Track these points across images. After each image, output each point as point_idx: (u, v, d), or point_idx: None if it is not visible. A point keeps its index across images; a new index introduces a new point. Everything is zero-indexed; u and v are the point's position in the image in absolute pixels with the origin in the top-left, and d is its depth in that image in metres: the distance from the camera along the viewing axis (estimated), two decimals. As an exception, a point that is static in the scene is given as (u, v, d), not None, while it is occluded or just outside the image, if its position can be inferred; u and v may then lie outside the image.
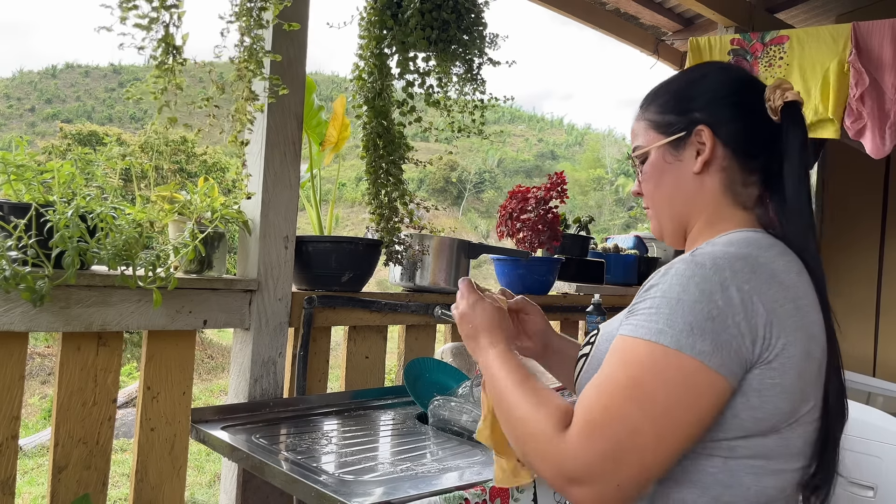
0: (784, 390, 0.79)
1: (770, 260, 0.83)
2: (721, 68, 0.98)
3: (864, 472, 1.98)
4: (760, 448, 0.80)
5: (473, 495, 1.04)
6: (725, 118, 0.92)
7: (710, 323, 0.76)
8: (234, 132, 1.43)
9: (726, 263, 0.80)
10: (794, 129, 0.90)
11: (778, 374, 0.78)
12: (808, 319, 0.82)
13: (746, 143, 0.92)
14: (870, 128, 2.22)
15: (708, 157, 0.92)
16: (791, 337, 0.79)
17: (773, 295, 0.79)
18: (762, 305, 0.78)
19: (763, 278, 0.80)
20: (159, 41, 1.31)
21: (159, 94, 1.32)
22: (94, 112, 33.15)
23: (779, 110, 0.90)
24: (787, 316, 0.79)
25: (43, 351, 9.05)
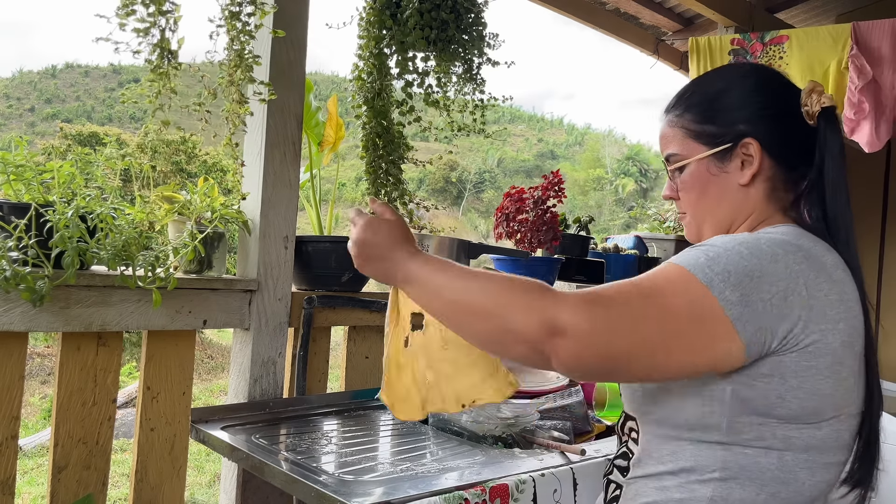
0: (820, 373, 0.80)
1: (820, 254, 0.85)
2: (754, 74, 0.97)
3: (864, 472, 1.97)
4: (812, 440, 0.82)
5: (473, 495, 1.04)
6: (771, 130, 0.93)
7: (748, 280, 0.77)
8: (228, 135, 1.44)
9: (779, 244, 0.82)
10: (831, 134, 0.91)
11: (813, 358, 0.80)
12: (851, 314, 0.84)
13: (787, 151, 0.93)
14: (867, 121, 2.23)
15: (756, 169, 0.93)
16: (831, 326, 0.81)
17: (821, 284, 0.81)
18: (806, 289, 0.80)
19: (815, 267, 0.82)
20: (155, 45, 1.31)
21: (154, 98, 1.32)
22: (93, 112, 33.15)
23: (816, 115, 0.91)
24: (830, 306, 0.81)
25: (43, 351, 9.05)
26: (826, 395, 0.81)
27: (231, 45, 1.40)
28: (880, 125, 2.21)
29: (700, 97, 0.98)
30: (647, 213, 3.20)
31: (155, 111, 1.34)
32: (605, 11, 3.10)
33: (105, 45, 1.25)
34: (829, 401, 0.82)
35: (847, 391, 0.84)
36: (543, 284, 0.81)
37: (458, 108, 1.94)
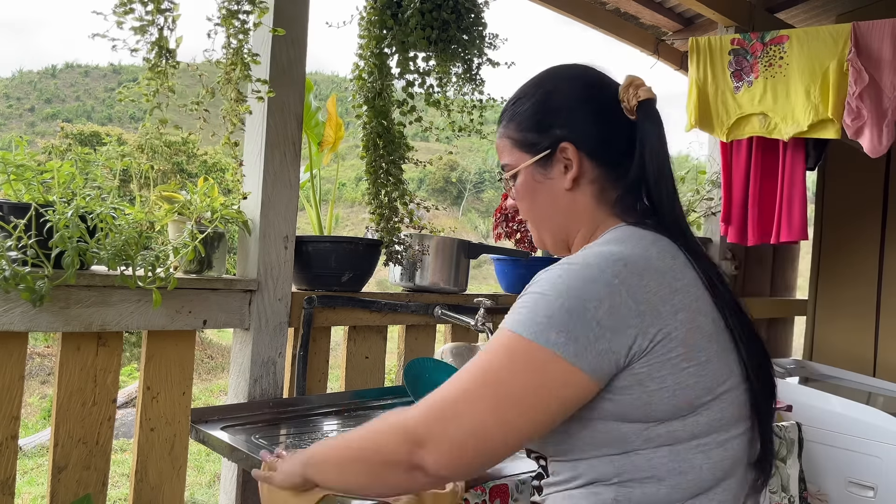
0: (676, 367, 0.82)
1: (644, 249, 0.86)
2: (571, 76, 0.98)
3: (864, 472, 1.98)
4: (696, 427, 0.84)
5: (473, 495, 1.04)
6: (586, 131, 0.94)
7: (568, 316, 0.79)
8: (227, 133, 1.44)
9: (597, 261, 0.84)
10: (649, 126, 0.92)
11: (663, 356, 0.81)
12: (688, 297, 0.85)
13: (609, 150, 0.94)
14: (868, 126, 2.22)
15: (576, 173, 0.94)
16: (669, 320, 0.82)
17: (647, 285, 0.82)
18: (631, 298, 0.81)
19: (636, 270, 0.83)
20: (153, 44, 1.31)
21: (151, 97, 1.32)
22: (93, 112, 33.15)
23: (634, 109, 0.92)
24: (661, 301, 0.82)
25: (43, 351, 9.05)
26: (691, 385, 0.82)
27: (228, 43, 1.40)
28: (882, 130, 2.21)
29: (520, 105, 0.99)
30: (648, 213, 3.22)
31: (153, 110, 1.34)
32: (605, 11, 3.09)
33: (104, 44, 1.25)
34: (698, 388, 0.83)
35: (714, 372, 0.84)
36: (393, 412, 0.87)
37: (458, 108, 1.94)
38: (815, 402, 2.22)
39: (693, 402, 0.83)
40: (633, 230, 0.91)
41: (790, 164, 2.57)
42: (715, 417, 0.85)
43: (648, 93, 0.93)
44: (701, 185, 3.01)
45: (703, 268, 0.89)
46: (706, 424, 0.84)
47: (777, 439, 1.69)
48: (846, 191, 3.30)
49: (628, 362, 0.81)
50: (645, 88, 0.93)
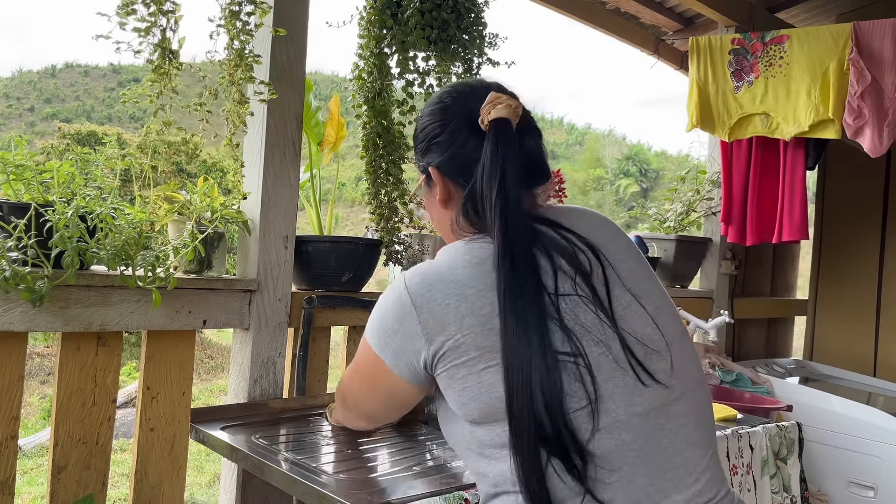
0: (474, 367, 0.83)
1: (442, 263, 0.90)
2: (435, 103, 1.03)
3: (865, 472, 1.98)
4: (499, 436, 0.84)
5: (473, 495, 1.04)
6: (445, 154, 0.99)
7: (382, 331, 0.92)
8: (229, 134, 1.44)
9: (404, 280, 0.91)
10: (490, 139, 0.93)
11: (457, 359, 0.84)
12: (479, 303, 0.85)
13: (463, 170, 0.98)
14: (869, 126, 2.22)
15: (444, 195, 1.01)
16: (455, 328, 0.84)
17: (435, 295, 0.87)
18: (416, 311, 0.87)
19: (427, 284, 0.88)
20: (156, 45, 1.31)
21: (155, 98, 1.32)
22: (93, 112, 33.14)
23: (487, 124, 0.94)
24: (450, 309, 0.85)
25: (42, 351, 9.04)
26: (495, 384, 0.81)
27: (231, 44, 1.40)
28: (883, 130, 2.21)
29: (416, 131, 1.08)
30: (648, 213, 3.20)
31: (156, 111, 1.34)
32: (605, 11, 3.09)
33: (104, 44, 1.26)
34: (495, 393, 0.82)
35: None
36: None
37: (458, 107, 1.94)
38: (815, 402, 2.22)
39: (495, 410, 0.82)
40: (460, 244, 0.93)
41: (790, 163, 2.57)
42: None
43: (504, 111, 0.93)
44: (701, 184, 3.01)
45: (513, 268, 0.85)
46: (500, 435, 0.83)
47: (777, 439, 1.69)
48: (846, 191, 3.30)
49: (429, 367, 0.88)
50: (502, 107, 0.93)
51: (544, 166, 1.01)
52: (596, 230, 0.96)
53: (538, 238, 0.89)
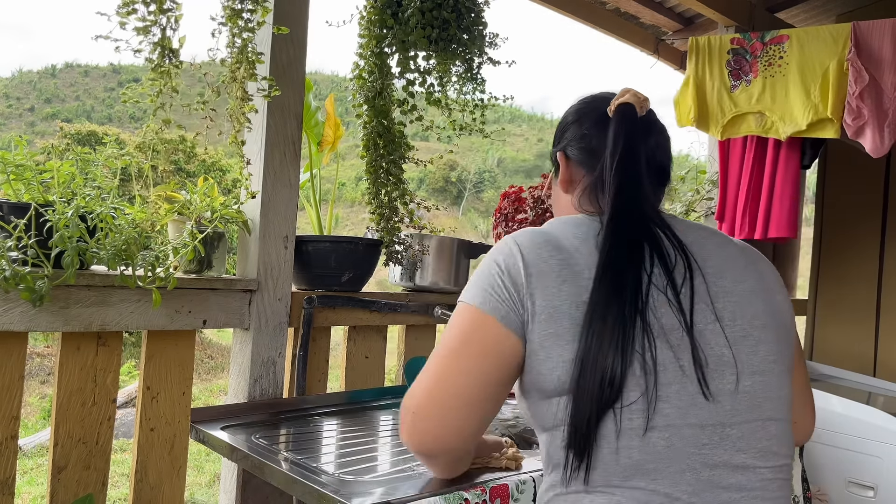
0: (560, 337, 0.85)
1: (556, 229, 0.94)
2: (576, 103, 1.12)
3: (864, 472, 1.98)
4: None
5: (473, 495, 1.04)
6: (572, 141, 1.07)
7: (489, 280, 0.90)
8: (233, 132, 1.43)
9: (514, 236, 0.94)
10: (614, 129, 1.00)
11: (547, 324, 0.85)
12: (581, 277, 0.87)
13: (587, 154, 1.05)
14: (869, 126, 2.22)
15: (566, 176, 1.08)
16: (559, 288, 0.86)
17: (541, 253, 0.89)
18: (523, 259, 0.89)
19: (538, 241, 0.91)
20: (155, 44, 1.31)
21: (155, 97, 1.32)
22: (93, 112, 33.14)
23: (612, 112, 1.01)
24: (550, 270, 0.88)
25: (42, 351, 9.04)
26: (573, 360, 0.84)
27: (233, 42, 1.40)
28: (884, 130, 2.21)
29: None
30: (648, 213, 3.21)
31: (156, 110, 1.34)
32: (605, 11, 3.09)
33: (104, 44, 1.26)
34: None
35: None
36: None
37: (459, 107, 1.94)
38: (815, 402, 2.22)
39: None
40: (571, 217, 0.99)
41: (784, 161, 2.56)
42: None
43: (630, 98, 1.00)
44: (700, 184, 3.01)
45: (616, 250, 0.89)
46: None
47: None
48: (846, 191, 3.30)
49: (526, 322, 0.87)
50: (629, 95, 1.01)
51: (666, 167, 1.05)
52: (703, 244, 0.96)
53: (646, 231, 0.93)
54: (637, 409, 0.82)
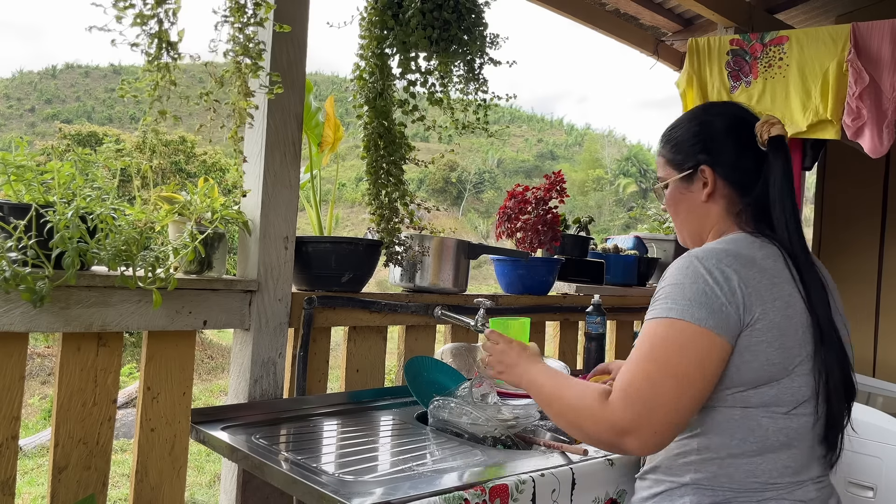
0: (770, 345, 1.01)
1: (750, 251, 1.08)
2: (719, 113, 1.21)
3: (864, 472, 1.98)
4: (767, 397, 1.03)
5: (473, 495, 1.04)
6: (722, 157, 1.17)
7: (704, 297, 1.01)
8: (234, 127, 1.43)
9: (713, 254, 1.06)
10: (774, 159, 1.12)
11: (762, 333, 1.01)
12: (783, 291, 1.05)
13: (739, 174, 1.16)
14: (868, 126, 2.22)
15: (711, 190, 1.17)
16: (768, 304, 1.02)
17: (751, 274, 1.03)
18: (740, 281, 1.02)
19: (743, 262, 1.05)
20: (152, 36, 1.30)
21: (152, 91, 1.31)
22: (93, 112, 33.15)
23: (766, 142, 1.13)
24: (763, 289, 1.03)
25: (43, 351, 9.05)
26: (776, 363, 1.02)
27: (236, 36, 1.39)
28: (883, 131, 2.21)
29: (676, 132, 1.23)
30: (647, 214, 3.21)
31: (152, 103, 1.32)
32: (605, 12, 3.10)
33: (105, 44, 1.27)
34: (780, 366, 1.02)
35: (793, 357, 1.03)
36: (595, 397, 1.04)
37: (460, 107, 1.94)
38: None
39: (772, 376, 1.02)
40: (746, 237, 1.12)
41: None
42: (785, 393, 1.03)
43: (780, 130, 1.12)
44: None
45: (804, 276, 1.07)
46: (775, 396, 1.03)
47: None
48: (846, 191, 3.30)
49: (742, 329, 1.01)
50: (777, 127, 1.13)
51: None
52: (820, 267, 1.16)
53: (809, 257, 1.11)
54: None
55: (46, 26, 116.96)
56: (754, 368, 1.01)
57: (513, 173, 31.99)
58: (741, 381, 1.02)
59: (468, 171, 29.29)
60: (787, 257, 1.08)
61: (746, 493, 1.03)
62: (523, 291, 2.33)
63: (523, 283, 2.32)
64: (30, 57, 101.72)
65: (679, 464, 1.07)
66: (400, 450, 1.32)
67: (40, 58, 78.68)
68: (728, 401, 1.03)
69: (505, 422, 1.37)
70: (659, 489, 1.09)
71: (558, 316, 2.42)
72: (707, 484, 1.04)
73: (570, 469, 1.18)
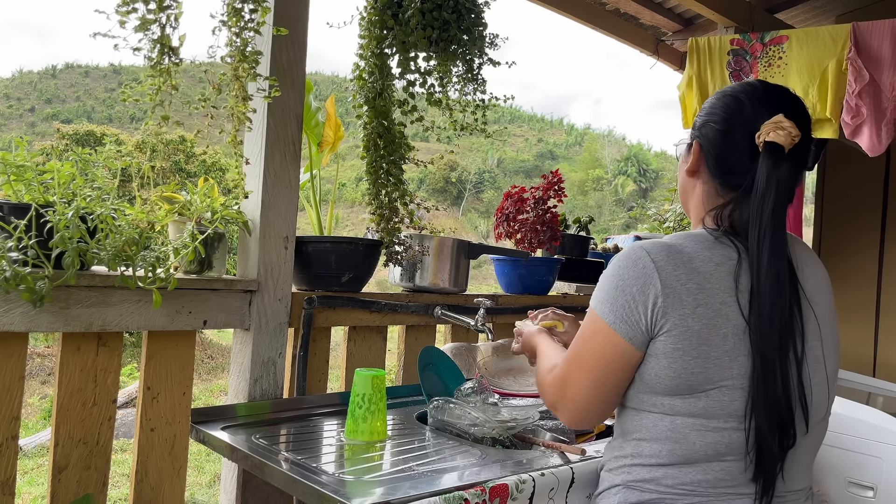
0: (686, 353, 0.97)
1: (693, 250, 1.02)
2: (737, 91, 1.10)
3: (864, 472, 1.98)
4: (696, 408, 0.99)
5: (473, 495, 1.04)
6: (711, 141, 1.09)
7: (615, 292, 1.02)
8: (233, 131, 1.43)
9: (649, 247, 1.03)
10: (765, 165, 1.01)
11: (678, 341, 0.98)
12: (714, 299, 0.99)
13: (723, 166, 1.08)
14: (867, 125, 2.22)
15: (693, 167, 1.13)
16: (688, 311, 0.98)
17: (678, 275, 0.99)
18: (660, 281, 0.99)
19: (675, 261, 1.00)
20: (154, 42, 1.31)
21: (154, 95, 1.32)
22: (93, 112, 33.15)
23: (761, 144, 1.02)
24: (686, 293, 0.98)
25: (43, 351, 9.05)
26: (697, 373, 0.98)
27: (232, 41, 1.40)
28: (881, 129, 2.21)
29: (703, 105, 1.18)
30: (647, 214, 3.20)
31: (154, 107, 1.33)
32: (605, 12, 3.10)
33: (105, 45, 1.27)
34: (702, 377, 0.98)
35: (720, 368, 0.98)
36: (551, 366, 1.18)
37: (459, 107, 1.94)
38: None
39: (694, 387, 0.98)
40: (702, 234, 1.06)
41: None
42: (714, 406, 0.98)
43: (778, 137, 1.00)
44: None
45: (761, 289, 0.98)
46: (704, 409, 0.99)
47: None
48: (846, 191, 3.31)
49: (653, 333, 0.99)
50: (782, 134, 1.00)
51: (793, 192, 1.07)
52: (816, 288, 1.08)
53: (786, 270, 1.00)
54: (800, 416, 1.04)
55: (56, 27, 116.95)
56: (671, 376, 0.98)
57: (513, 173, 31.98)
58: (662, 387, 1.00)
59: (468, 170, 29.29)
60: (745, 266, 1.00)
61: (673, 497, 1.01)
62: (523, 291, 2.33)
63: (523, 282, 2.32)
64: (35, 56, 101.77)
65: (616, 465, 1.09)
66: (400, 450, 1.32)
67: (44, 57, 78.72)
68: (657, 407, 1.02)
69: (504, 423, 1.37)
70: (602, 487, 1.12)
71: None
72: (636, 486, 1.05)
73: (570, 469, 1.18)
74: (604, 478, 1.13)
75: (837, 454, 2.07)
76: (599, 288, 1.06)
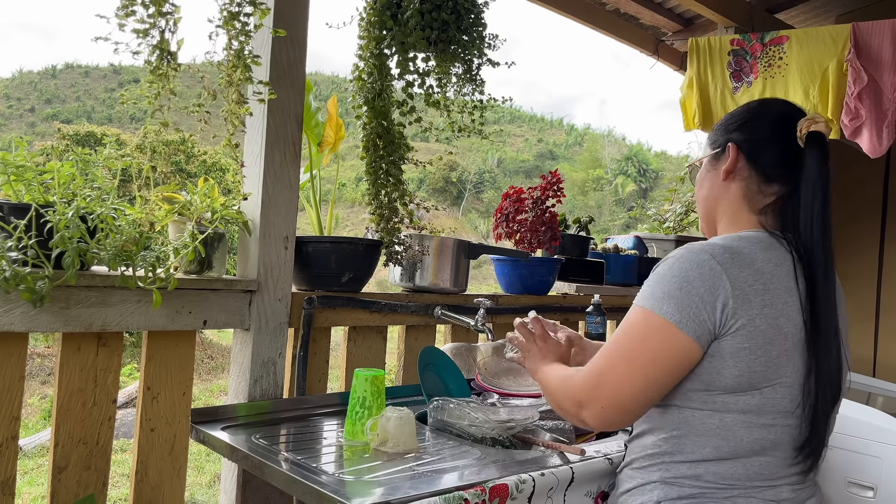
0: (752, 353, 1.00)
1: (752, 251, 1.05)
2: (771, 104, 1.19)
3: (864, 472, 1.98)
4: (747, 405, 1.02)
5: (473, 495, 1.04)
6: (752, 138, 1.14)
7: (679, 292, 1.01)
8: (228, 135, 1.44)
9: (710, 249, 1.04)
10: (812, 155, 1.08)
11: (745, 340, 1.00)
12: (777, 299, 1.02)
13: (766, 159, 1.12)
14: (867, 126, 2.22)
15: (731, 167, 1.14)
16: (756, 311, 1.00)
17: (744, 276, 1.01)
18: (729, 282, 1.00)
19: (739, 262, 1.02)
20: (154, 47, 1.31)
21: (153, 99, 1.32)
22: (93, 112, 33.16)
23: (804, 137, 1.09)
24: (754, 294, 1.01)
25: (43, 351, 9.05)
26: (758, 371, 1.01)
27: (230, 45, 1.40)
28: (882, 131, 2.21)
29: (726, 117, 1.22)
30: (647, 214, 3.20)
31: (154, 112, 1.34)
32: (604, 12, 3.10)
33: (105, 45, 1.26)
34: (761, 375, 1.01)
35: (778, 367, 1.02)
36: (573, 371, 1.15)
37: (458, 108, 1.94)
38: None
39: (753, 384, 1.01)
40: (758, 234, 1.09)
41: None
42: (767, 403, 1.02)
43: (823, 128, 1.09)
44: (701, 185, 3.01)
45: (816, 287, 1.04)
46: (756, 406, 1.02)
47: None
48: (846, 191, 3.31)
49: (719, 333, 1.00)
50: (821, 124, 1.09)
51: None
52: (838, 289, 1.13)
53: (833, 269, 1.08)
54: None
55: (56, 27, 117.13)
56: (735, 374, 1.00)
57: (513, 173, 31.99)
58: (722, 385, 1.01)
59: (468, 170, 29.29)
60: (800, 264, 1.05)
61: (713, 490, 1.03)
62: (523, 291, 2.33)
63: (523, 282, 2.32)
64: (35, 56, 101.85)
65: (650, 462, 1.09)
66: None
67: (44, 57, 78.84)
68: (708, 404, 1.03)
69: (503, 423, 1.37)
70: (631, 484, 1.12)
71: (558, 316, 2.42)
72: (674, 481, 1.06)
73: (570, 469, 1.18)
74: (631, 475, 1.13)
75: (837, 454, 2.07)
76: (654, 288, 1.04)
